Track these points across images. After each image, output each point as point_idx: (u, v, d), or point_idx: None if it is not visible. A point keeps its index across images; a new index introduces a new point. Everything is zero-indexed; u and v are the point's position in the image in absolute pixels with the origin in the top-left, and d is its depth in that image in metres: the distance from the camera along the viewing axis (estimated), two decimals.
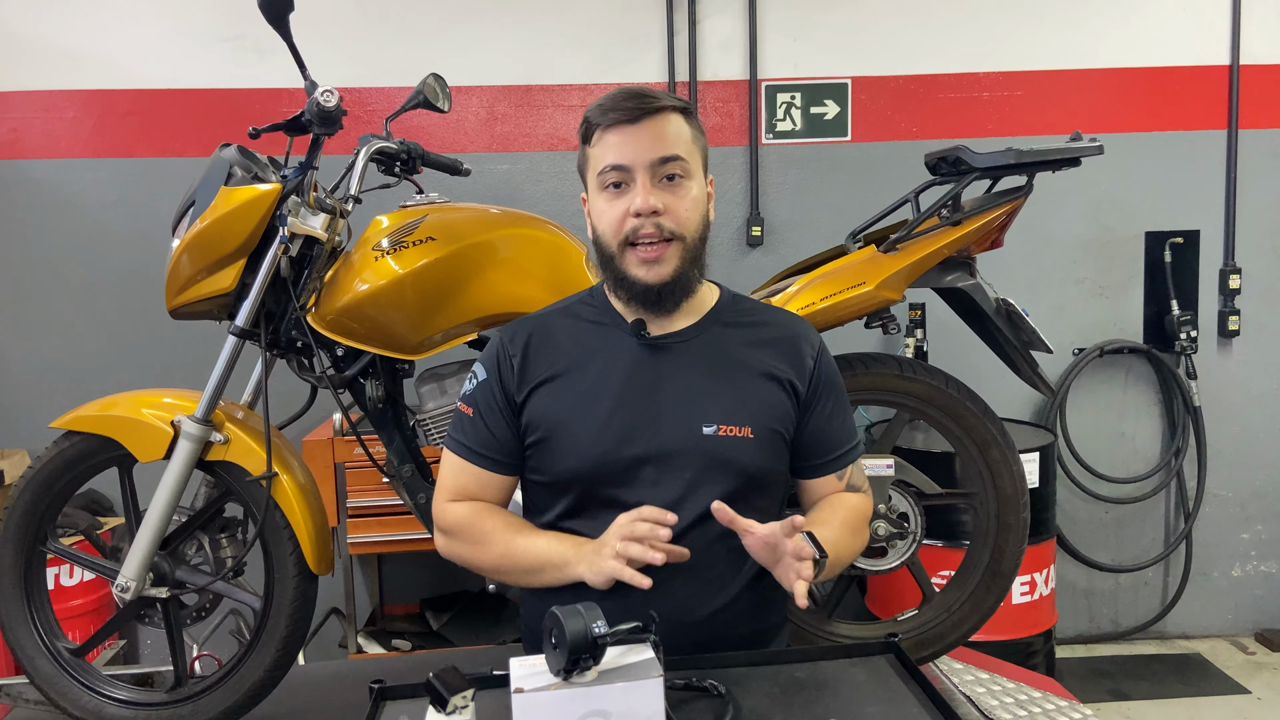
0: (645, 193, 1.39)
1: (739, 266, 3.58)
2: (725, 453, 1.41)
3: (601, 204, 1.44)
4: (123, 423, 1.88)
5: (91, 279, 3.42)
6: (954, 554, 2.82)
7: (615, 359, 1.46)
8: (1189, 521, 3.76)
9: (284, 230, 1.82)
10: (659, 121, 1.41)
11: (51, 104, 3.38)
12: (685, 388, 1.44)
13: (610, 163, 1.41)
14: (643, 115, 1.40)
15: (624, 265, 1.43)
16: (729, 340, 1.49)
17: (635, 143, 1.40)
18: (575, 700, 1.05)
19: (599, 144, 1.43)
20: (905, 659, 1.31)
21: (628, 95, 1.42)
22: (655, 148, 1.40)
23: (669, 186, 1.41)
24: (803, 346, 1.51)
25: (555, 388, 1.45)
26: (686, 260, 1.43)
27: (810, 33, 3.54)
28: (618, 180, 1.41)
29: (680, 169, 1.42)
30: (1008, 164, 1.88)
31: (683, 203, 1.42)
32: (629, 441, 1.41)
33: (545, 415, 1.44)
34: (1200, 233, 3.67)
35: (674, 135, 1.42)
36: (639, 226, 1.40)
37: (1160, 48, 3.61)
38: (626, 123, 1.40)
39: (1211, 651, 3.72)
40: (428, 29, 3.44)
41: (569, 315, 1.53)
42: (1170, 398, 3.75)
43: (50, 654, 1.95)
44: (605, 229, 1.44)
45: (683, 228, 1.42)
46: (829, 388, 1.52)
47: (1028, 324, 1.98)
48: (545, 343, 1.49)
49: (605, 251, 1.45)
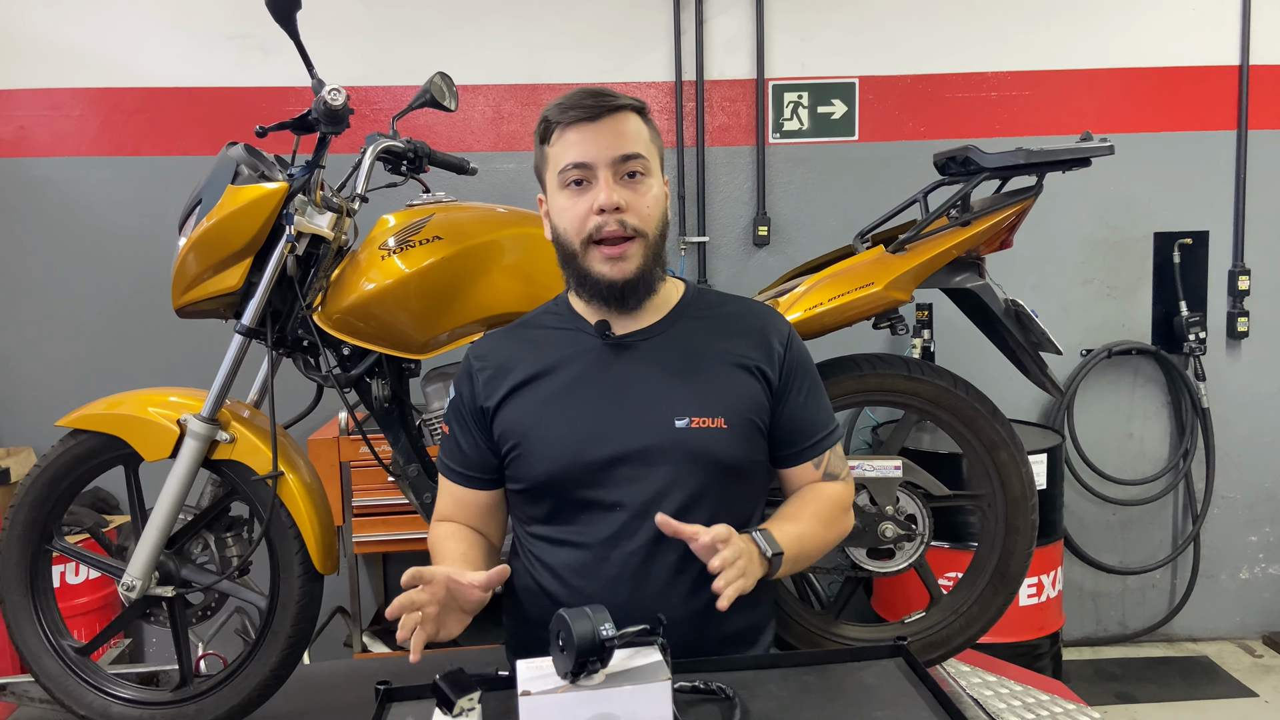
0: (609, 189, 1.40)
1: (745, 266, 3.57)
2: (700, 445, 1.41)
3: (563, 202, 1.44)
4: (129, 421, 1.87)
5: (98, 277, 3.42)
6: (961, 555, 2.81)
7: (581, 361, 1.47)
8: (1197, 524, 3.74)
9: (290, 229, 1.81)
10: (618, 120, 1.42)
11: (59, 102, 3.38)
12: (654, 383, 1.44)
13: (572, 160, 1.41)
14: (603, 113, 1.41)
15: (587, 263, 1.43)
16: (696, 333, 1.49)
17: (596, 140, 1.41)
18: (582, 703, 1.05)
19: (558, 142, 1.44)
20: (914, 662, 1.30)
21: (587, 94, 1.43)
22: (616, 145, 1.41)
23: (630, 184, 1.42)
24: (771, 334, 1.51)
25: (524, 396, 1.46)
26: (649, 257, 1.44)
27: (817, 32, 3.53)
28: (579, 178, 1.42)
29: (641, 166, 1.43)
30: (1018, 164, 1.86)
31: (644, 200, 1.43)
32: (601, 442, 1.41)
33: (516, 424, 1.45)
34: (1209, 233, 3.65)
35: (634, 134, 1.43)
36: (603, 224, 1.40)
37: (1169, 48, 3.60)
38: (586, 120, 1.41)
39: (1219, 654, 3.71)
40: (434, 28, 3.44)
41: (533, 325, 1.55)
42: (1178, 399, 3.73)
43: (56, 652, 1.95)
44: (567, 226, 1.44)
45: (645, 224, 1.42)
46: (801, 373, 1.52)
47: (1037, 325, 1.97)
48: (511, 354, 1.50)
49: (567, 250, 1.45)
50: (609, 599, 1.36)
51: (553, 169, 1.45)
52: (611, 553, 1.42)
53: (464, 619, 1.26)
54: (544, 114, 1.46)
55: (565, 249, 1.46)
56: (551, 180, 1.46)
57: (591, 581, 1.42)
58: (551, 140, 1.45)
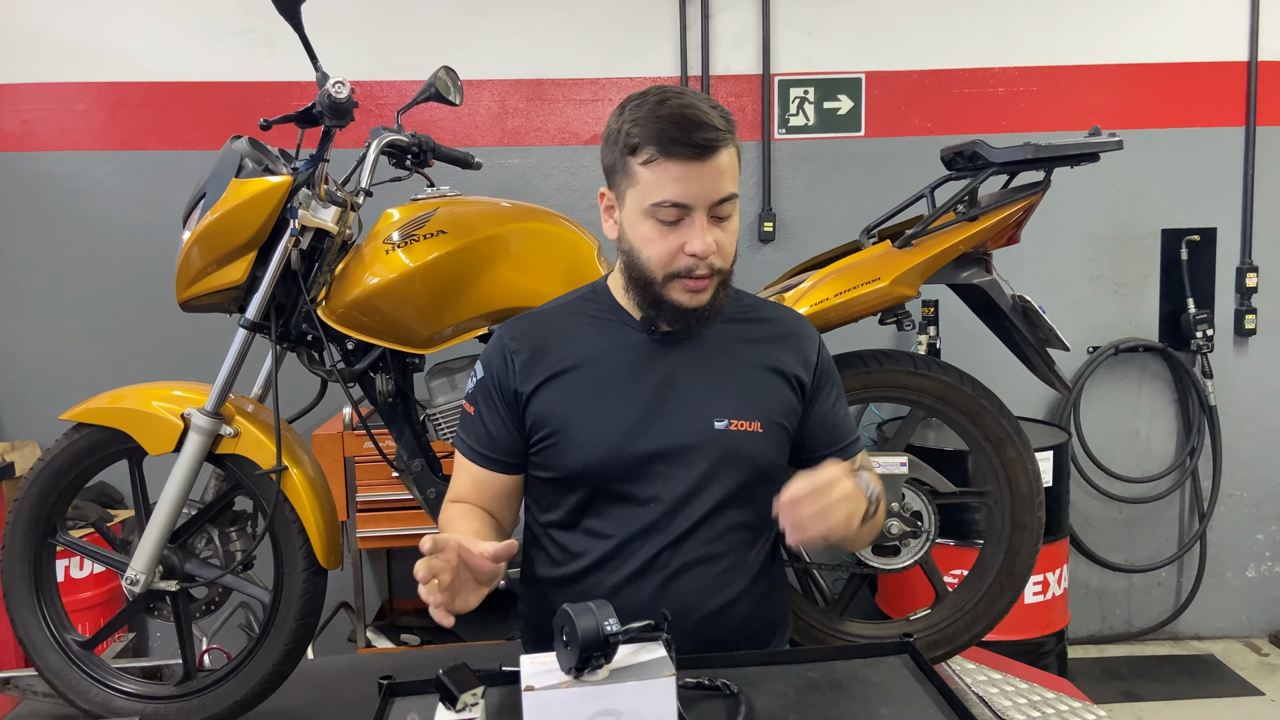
0: (703, 234, 1.34)
1: (751, 262, 3.56)
2: (737, 447, 1.41)
3: (648, 231, 1.37)
4: (133, 415, 1.87)
5: (102, 271, 3.42)
6: (966, 553, 2.80)
7: (624, 354, 1.44)
8: (1203, 522, 3.73)
9: (294, 223, 1.81)
10: (721, 158, 1.34)
11: (64, 96, 3.38)
12: (696, 383, 1.43)
13: (670, 199, 1.33)
14: (709, 153, 1.33)
15: (665, 291, 1.39)
16: (734, 336, 1.49)
17: (699, 181, 1.33)
18: (586, 699, 1.04)
19: (655, 170, 1.34)
20: (920, 660, 1.29)
21: (693, 124, 1.32)
22: (717, 188, 1.34)
23: (720, 224, 1.37)
24: (806, 341, 1.52)
25: (562, 384, 1.43)
26: (723, 287, 1.42)
27: (824, 27, 3.51)
28: (676, 217, 1.35)
29: (733, 205, 1.38)
30: (1025, 159, 1.85)
31: (730, 238, 1.39)
32: (641, 436, 1.40)
33: (553, 412, 1.43)
34: (1217, 230, 3.63)
35: (730, 170, 1.36)
36: (693, 266, 1.36)
37: (1178, 43, 3.58)
38: (693, 160, 1.32)
39: (1225, 653, 3.70)
40: (439, 22, 3.43)
41: (572, 311, 1.51)
42: (1185, 397, 3.72)
43: (59, 646, 1.96)
44: (651, 257, 1.37)
45: (727, 263, 1.40)
46: (831, 380, 1.53)
47: (1044, 321, 1.96)
48: (549, 339, 1.47)
49: (645, 276, 1.39)
50: (632, 592, 1.37)
51: (642, 194, 1.35)
52: (639, 547, 1.40)
53: (479, 591, 1.22)
54: (637, 125, 1.34)
55: (643, 274, 1.39)
56: (637, 202, 1.37)
57: (615, 573, 1.41)
58: (648, 164, 1.34)
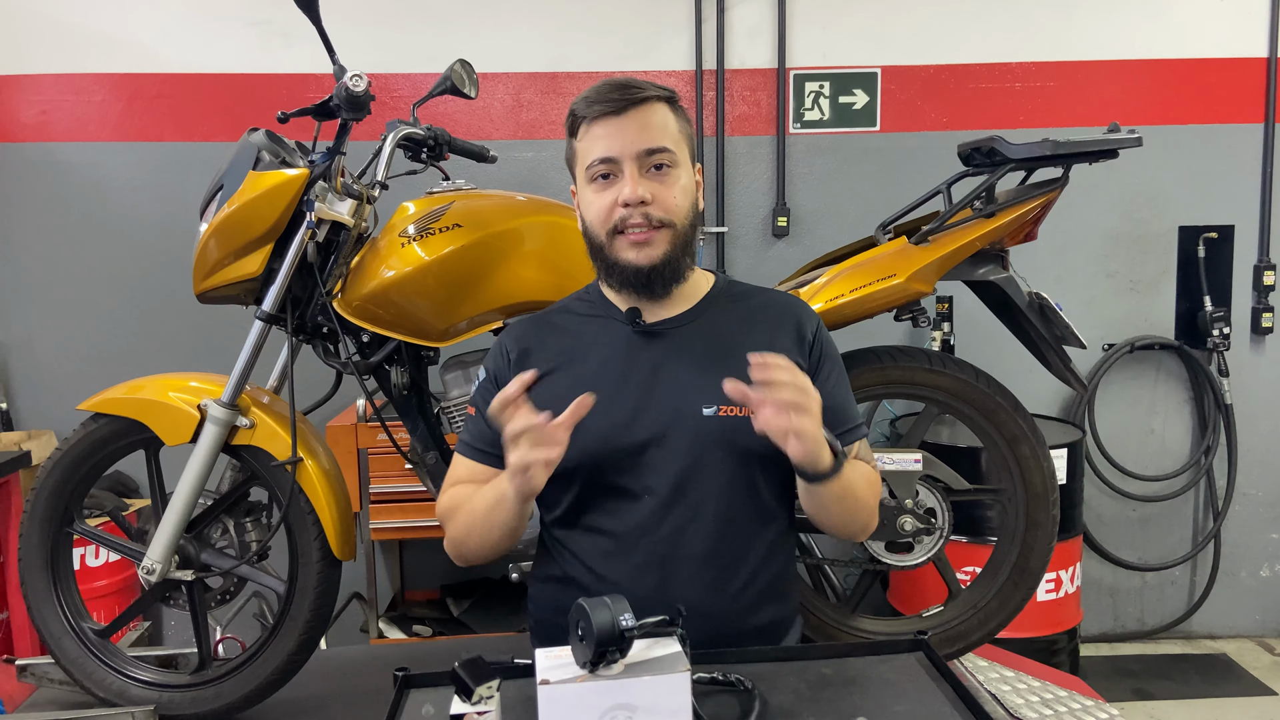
0: (633, 183, 1.40)
1: (764, 257, 3.55)
2: (727, 434, 1.41)
3: (589, 195, 1.45)
4: (150, 405, 1.88)
5: (118, 262, 3.44)
6: (978, 550, 2.80)
7: (612, 348, 1.47)
8: (1218, 520, 3.70)
9: (311, 215, 1.82)
10: (644, 112, 1.42)
11: (81, 87, 3.39)
12: (683, 371, 1.45)
13: (598, 156, 1.42)
14: (628, 106, 1.41)
15: (613, 252, 1.44)
16: (726, 322, 1.50)
17: (622, 134, 1.41)
18: (601, 693, 1.04)
19: (585, 137, 1.44)
20: (935, 657, 1.29)
21: (613, 86, 1.43)
22: (641, 139, 1.41)
23: (656, 176, 1.42)
24: (802, 322, 1.52)
25: (554, 380, 1.46)
26: (677, 245, 1.44)
27: (840, 21, 3.50)
28: (606, 172, 1.43)
29: (668, 159, 1.43)
30: (1044, 155, 1.84)
31: (671, 191, 1.43)
32: (630, 427, 1.42)
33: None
34: (1235, 228, 3.60)
35: (660, 126, 1.43)
36: (627, 216, 1.41)
37: (1197, 39, 3.55)
38: (612, 114, 1.41)
39: (1238, 652, 3.68)
40: (454, 15, 3.43)
41: (565, 311, 1.56)
42: (1201, 395, 3.69)
43: (76, 634, 1.97)
44: (593, 219, 1.45)
45: (672, 214, 1.43)
46: (830, 363, 1.52)
47: (1061, 318, 1.95)
48: (542, 339, 1.51)
49: (595, 241, 1.46)
50: (635, 586, 1.36)
51: (581, 164, 1.46)
52: (639, 540, 1.42)
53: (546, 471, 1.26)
54: (571, 107, 1.46)
55: (593, 241, 1.47)
56: (580, 174, 1.47)
57: (618, 569, 1.42)
58: (579, 134, 1.46)
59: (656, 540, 1.41)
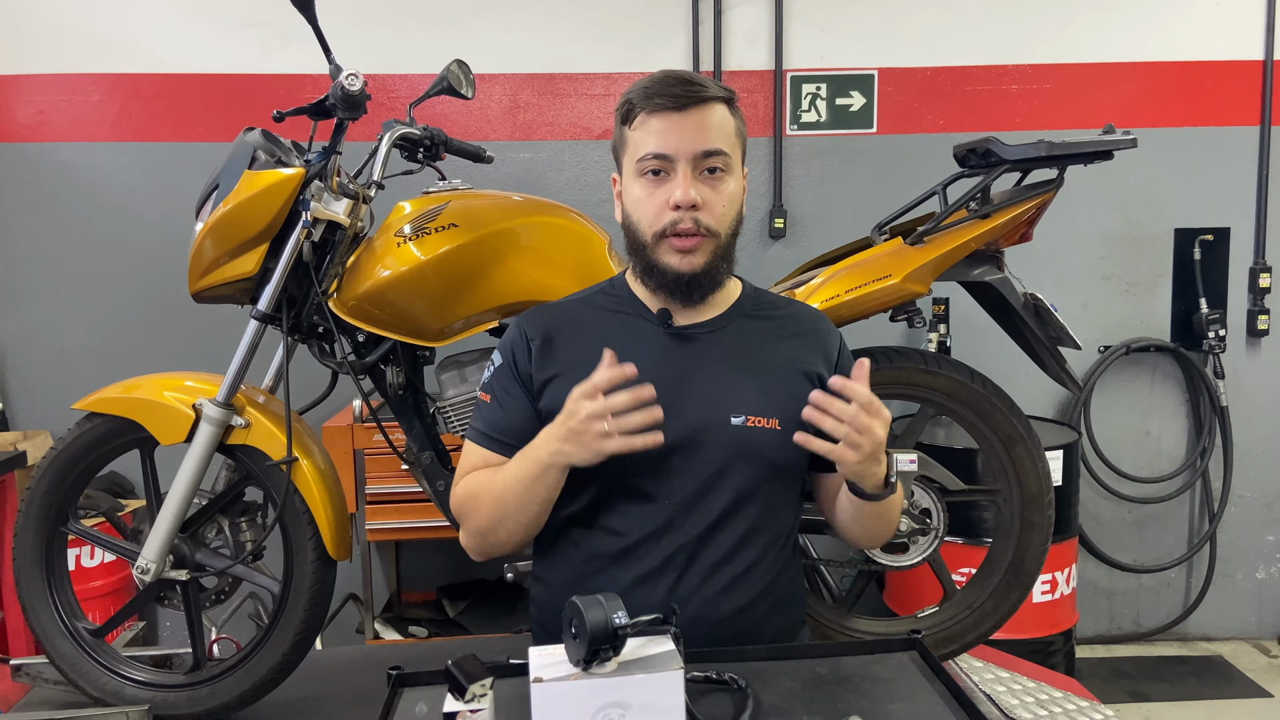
0: (686, 185, 1.37)
1: (761, 259, 3.56)
2: (753, 443, 1.40)
3: (638, 191, 1.41)
4: (145, 405, 1.88)
5: (114, 262, 3.43)
6: (974, 551, 2.79)
7: (641, 348, 1.43)
8: (1213, 522, 3.71)
9: (307, 215, 1.81)
10: (705, 112, 1.38)
11: (78, 87, 3.39)
12: (713, 378, 1.43)
13: (652, 150, 1.38)
14: (690, 104, 1.37)
15: (656, 254, 1.41)
16: (754, 332, 1.48)
17: (679, 132, 1.37)
18: (595, 691, 1.04)
19: (641, 128, 1.40)
20: (929, 656, 1.29)
21: (676, 80, 1.39)
22: (700, 140, 1.37)
23: (709, 180, 1.39)
24: (826, 338, 1.52)
25: (576, 376, 1.41)
26: (718, 255, 1.42)
27: (837, 23, 3.50)
28: (657, 169, 1.39)
29: (722, 163, 1.40)
30: (1039, 156, 1.85)
31: (721, 198, 1.40)
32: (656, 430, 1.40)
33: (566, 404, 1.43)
34: (1231, 230, 3.61)
35: (718, 127, 1.39)
36: (678, 220, 1.38)
37: (1193, 42, 3.56)
38: (673, 110, 1.37)
39: (1234, 654, 3.68)
40: (451, 16, 3.43)
41: (591, 305, 1.52)
42: (1197, 397, 3.70)
43: (70, 634, 1.96)
44: (641, 217, 1.41)
45: (718, 224, 1.40)
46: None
47: (1056, 320, 1.96)
48: (567, 331, 1.47)
49: (638, 239, 1.43)
50: (646, 591, 1.36)
51: (631, 154, 1.42)
52: (655, 545, 1.40)
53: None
54: (628, 95, 1.41)
55: (636, 238, 1.43)
56: (629, 165, 1.43)
57: (629, 572, 1.40)
58: (633, 124, 1.41)
59: (671, 546, 1.39)
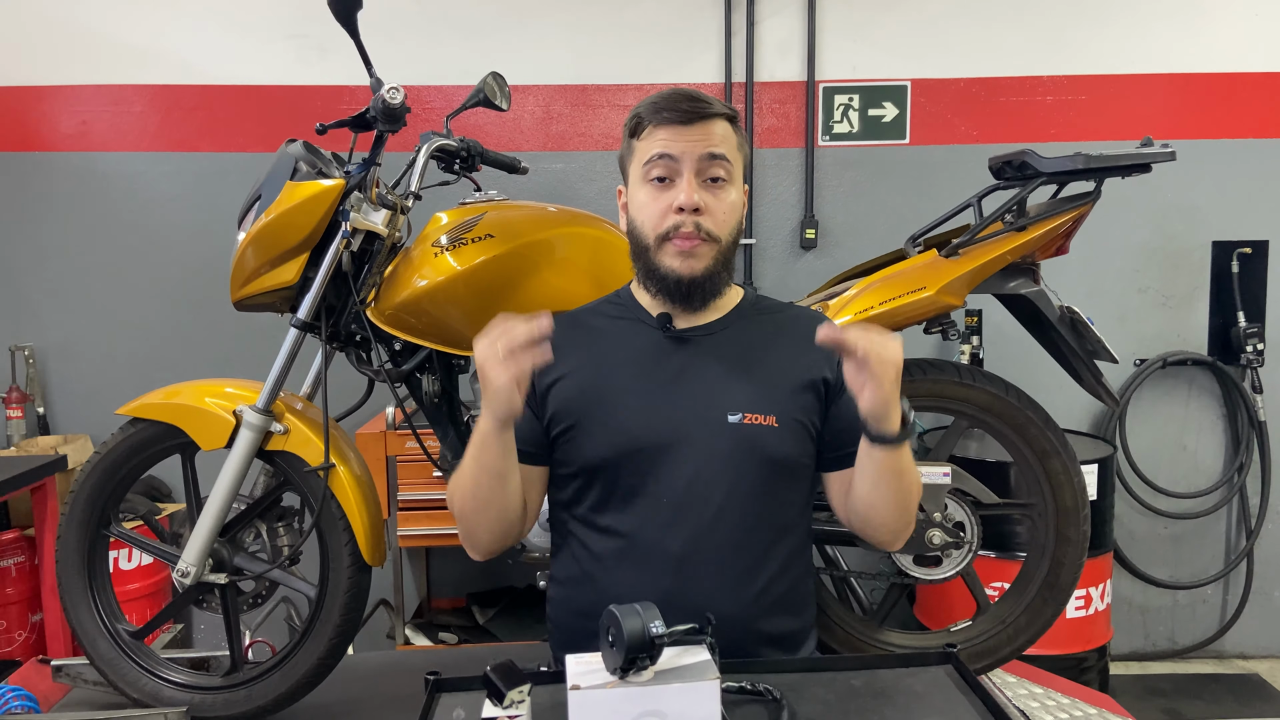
0: (690, 188, 1.42)
1: (792, 269, 3.56)
2: (750, 441, 1.42)
3: (643, 196, 1.46)
4: (186, 411, 1.91)
5: (155, 270, 3.49)
6: (1008, 565, 2.77)
7: (640, 351, 1.49)
8: (1250, 539, 3.66)
9: (346, 225, 1.84)
10: (710, 125, 1.44)
11: (120, 98, 3.46)
12: (710, 377, 1.46)
13: (659, 151, 1.43)
14: (695, 118, 1.43)
15: (658, 258, 1.46)
16: (754, 333, 1.51)
17: (686, 138, 1.43)
18: (631, 699, 1.05)
19: (648, 138, 1.46)
20: (964, 670, 1.29)
21: (682, 96, 1.45)
22: (704, 144, 1.43)
23: (711, 188, 1.44)
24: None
25: (580, 379, 1.48)
26: (719, 261, 1.46)
27: (870, 34, 3.50)
28: (663, 174, 1.44)
29: (724, 171, 1.45)
30: (1076, 169, 1.84)
31: (723, 205, 1.45)
32: (654, 430, 1.43)
33: (570, 406, 1.46)
34: (1269, 243, 3.57)
35: (722, 137, 1.45)
36: (680, 223, 1.43)
37: (1230, 53, 3.52)
38: (679, 123, 1.43)
39: (1270, 672, 3.62)
40: (485, 28, 3.46)
41: (595, 313, 1.58)
42: (1234, 411, 3.65)
43: (110, 636, 1.99)
44: (644, 221, 1.46)
45: (719, 229, 1.45)
46: None
47: (1093, 333, 1.94)
48: (570, 336, 1.50)
49: (641, 243, 1.48)
50: (649, 588, 1.36)
51: (638, 161, 1.47)
52: (655, 542, 1.43)
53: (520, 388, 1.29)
54: (637, 109, 1.48)
55: (639, 242, 1.48)
56: (635, 172, 1.48)
57: (633, 570, 1.43)
58: (641, 135, 1.47)
59: (673, 543, 1.42)
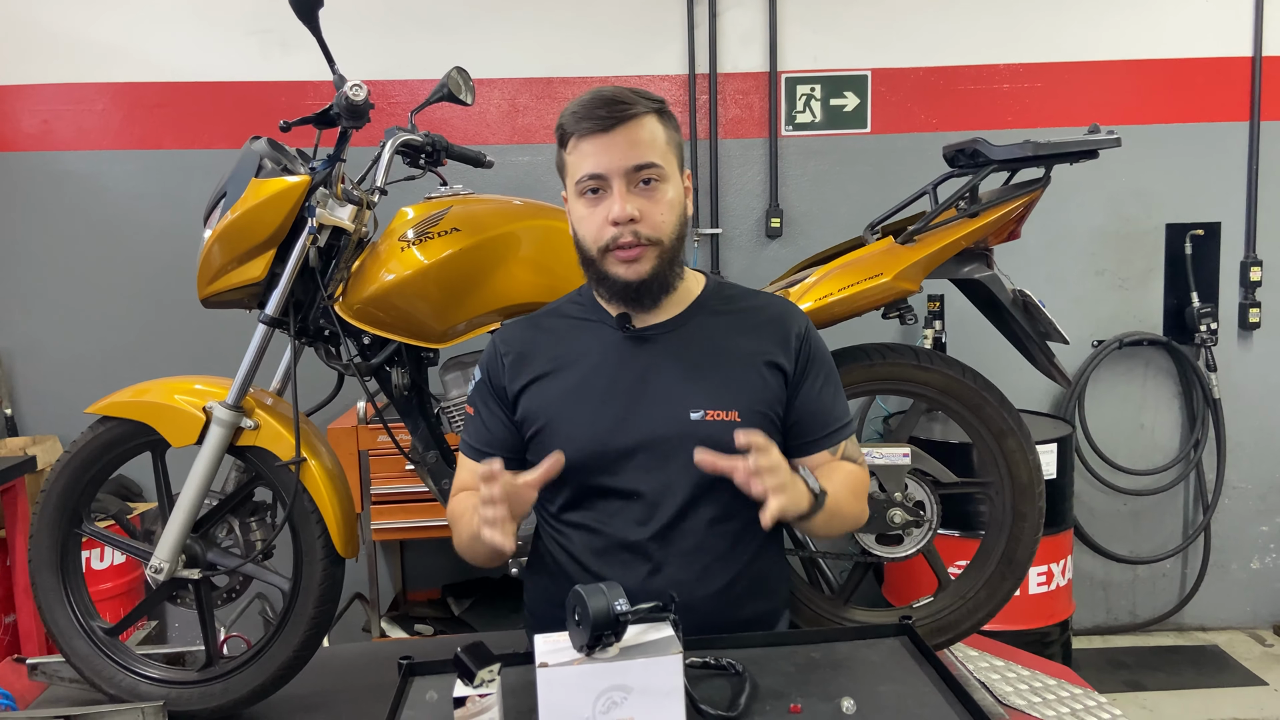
0: (622, 201, 1.42)
1: (758, 258, 3.60)
2: (714, 437, 1.43)
3: (581, 210, 1.47)
4: (156, 408, 1.92)
5: (122, 269, 3.48)
6: (969, 544, 2.83)
7: (602, 353, 1.51)
8: (1207, 514, 3.76)
9: (312, 221, 1.86)
10: (632, 128, 1.42)
11: (82, 96, 3.44)
12: (671, 376, 1.49)
13: (587, 172, 1.43)
14: (615, 124, 1.42)
15: (604, 266, 1.47)
16: (714, 328, 1.53)
17: (609, 151, 1.42)
18: (598, 675, 1.09)
19: (574, 152, 1.46)
20: (919, 641, 1.34)
21: (600, 102, 1.43)
22: (629, 155, 1.42)
23: (645, 191, 1.44)
24: (789, 326, 1.54)
25: (546, 384, 1.51)
26: (664, 261, 1.47)
27: (830, 25, 3.55)
28: (595, 187, 1.44)
29: (655, 174, 1.44)
30: (1025, 156, 1.89)
31: (658, 207, 1.45)
32: (619, 431, 1.46)
33: (538, 411, 1.50)
34: (1221, 225, 3.66)
35: (648, 141, 1.44)
36: (618, 235, 1.43)
37: (1183, 39, 3.60)
38: (601, 132, 1.42)
39: (1229, 643, 3.73)
40: (451, 22, 3.47)
41: (558, 315, 1.59)
42: (1190, 390, 3.75)
43: (86, 633, 2.00)
44: (585, 234, 1.47)
45: (659, 232, 1.45)
46: (818, 365, 1.55)
47: (1044, 315, 2.00)
48: (536, 341, 1.55)
49: (586, 254, 1.49)
50: (628, 582, 1.40)
51: (570, 177, 1.48)
52: (627, 540, 1.47)
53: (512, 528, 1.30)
54: (560, 119, 1.47)
55: (584, 253, 1.50)
56: (570, 187, 1.49)
57: (609, 566, 1.47)
58: (568, 148, 1.47)
59: (646, 540, 1.46)
